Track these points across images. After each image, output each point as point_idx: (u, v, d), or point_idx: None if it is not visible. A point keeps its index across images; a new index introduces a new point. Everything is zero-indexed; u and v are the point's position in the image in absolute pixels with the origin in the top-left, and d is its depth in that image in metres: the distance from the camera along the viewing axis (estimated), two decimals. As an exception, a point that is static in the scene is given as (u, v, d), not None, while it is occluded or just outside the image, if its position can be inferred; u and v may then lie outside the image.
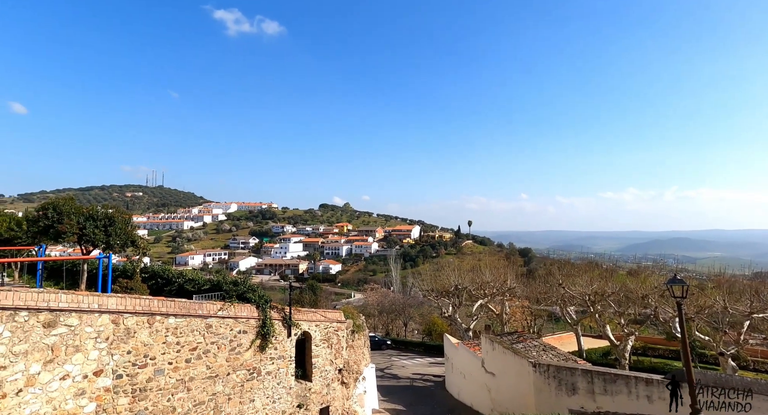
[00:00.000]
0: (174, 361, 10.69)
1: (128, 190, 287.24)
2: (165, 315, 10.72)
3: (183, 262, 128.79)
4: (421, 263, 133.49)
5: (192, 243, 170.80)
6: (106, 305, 9.67)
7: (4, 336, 8.07)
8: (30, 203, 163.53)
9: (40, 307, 8.60)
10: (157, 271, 21.75)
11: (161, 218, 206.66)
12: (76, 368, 8.93)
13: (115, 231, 22.90)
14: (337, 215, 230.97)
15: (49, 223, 22.10)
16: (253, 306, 13.55)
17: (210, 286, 18.65)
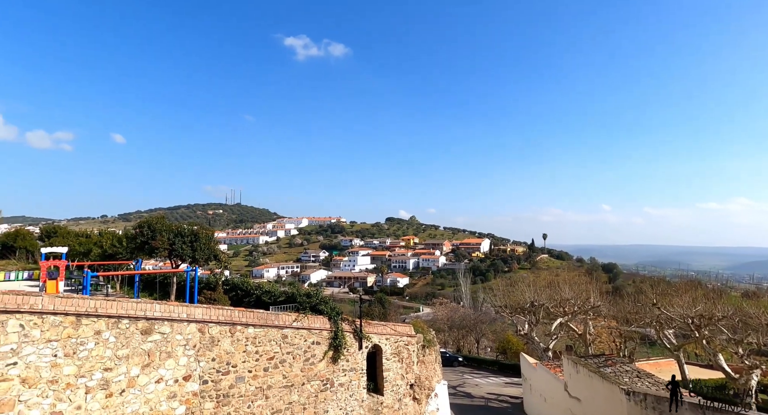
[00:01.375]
0: (253, 369, 11.24)
1: (210, 208, 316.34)
2: (245, 325, 11.31)
3: (259, 274, 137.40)
4: (492, 277, 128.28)
5: (267, 257, 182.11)
6: (193, 314, 10.45)
7: (110, 341, 9.04)
8: (128, 222, 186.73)
9: (138, 316, 9.53)
10: (236, 283, 23.39)
11: (239, 233, 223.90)
12: (169, 372, 9.73)
13: (199, 246, 25.15)
14: (403, 228, 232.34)
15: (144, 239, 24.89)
16: (325, 318, 13.83)
17: (285, 298, 19.54)
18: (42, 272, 15.93)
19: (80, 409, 8.44)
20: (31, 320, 8.22)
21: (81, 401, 8.47)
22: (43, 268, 16.10)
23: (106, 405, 8.73)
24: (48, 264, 16.47)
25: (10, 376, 7.79)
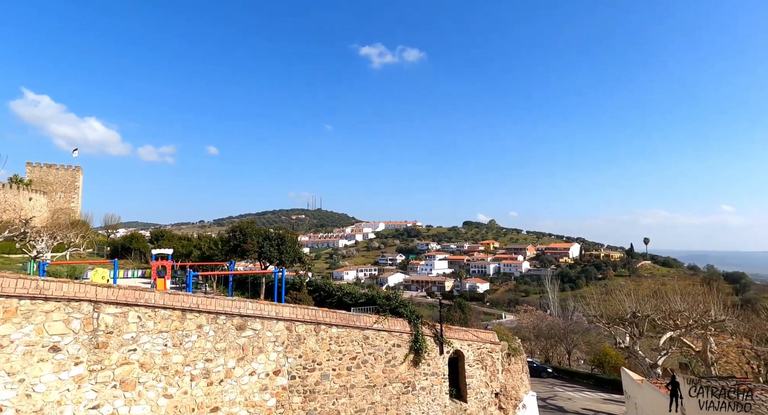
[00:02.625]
0: (337, 368, 11.64)
1: (293, 213, 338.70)
2: (328, 325, 11.70)
3: (339, 277, 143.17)
4: (584, 284, 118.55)
5: (346, 260, 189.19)
6: (281, 313, 11.07)
7: (210, 335, 9.93)
8: (222, 227, 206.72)
9: (233, 312, 10.35)
10: (319, 284, 24.51)
11: (320, 237, 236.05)
12: (261, 366, 10.43)
13: (285, 249, 26.93)
14: (481, 232, 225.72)
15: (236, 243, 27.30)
16: (405, 321, 13.79)
17: (365, 300, 19.97)
18: (153, 271, 18.17)
19: (186, 394, 9.41)
20: (146, 313, 9.35)
21: (187, 387, 9.45)
22: (153, 267, 18.35)
23: (208, 392, 9.64)
24: (157, 264, 18.73)
25: (131, 360, 8.97)
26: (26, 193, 66.61)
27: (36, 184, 70.48)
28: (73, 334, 8.58)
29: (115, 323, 9.00)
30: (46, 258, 21.94)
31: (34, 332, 8.26)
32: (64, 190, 74.46)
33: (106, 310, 8.96)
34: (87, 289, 8.98)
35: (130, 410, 8.82)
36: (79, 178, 77.28)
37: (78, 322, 8.66)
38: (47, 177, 73.84)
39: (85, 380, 8.51)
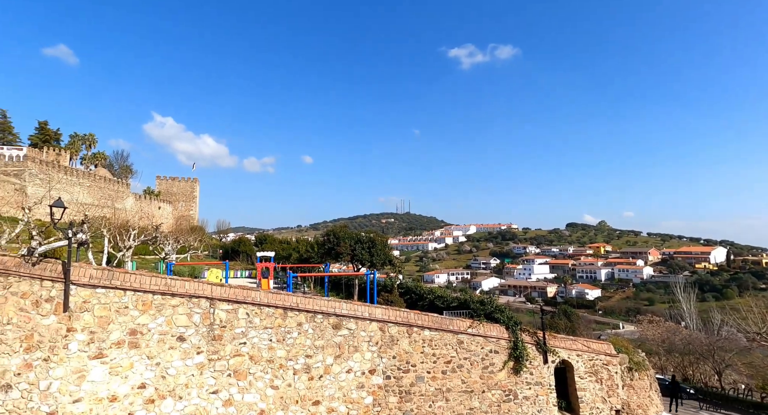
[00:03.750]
0: (431, 371, 11.71)
1: (383, 217, 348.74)
2: (421, 327, 11.81)
3: (430, 280, 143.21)
4: (735, 295, 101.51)
5: (436, 263, 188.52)
6: (374, 314, 11.46)
7: (309, 332, 10.70)
8: (317, 231, 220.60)
9: (329, 312, 11.01)
10: (410, 287, 24.82)
11: (409, 240, 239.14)
12: (356, 364, 10.94)
13: (376, 252, 27.87)
14: (589, 234, 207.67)
15: (331, 246, 28.98)
16: (502, 327, 13.29)
17: (457, 303, 19.70)
18: (258, 272, 20.13)
19: (290, 386, 10.30)
20: (253, 310, 10.43)
21: (291, 380, 10.34)
22: (258, 268, 20.32)
23: (309, 386, 10.43)
24: (261, 265, 20.69)
25: (242, 352, 10.09)
26: (156, 203, 79.47)
27: (163, 195, 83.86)
28: (194, 326, 9.93)
29: (228, 318, 10.19)
30: (172, 259, 25.78)
31: (165, 323, 9.76)
32: (185, 200, 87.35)
33: (221, 306, 10.21)
34: (204, 287, 10.33)
35: (243, 397, 9.94)
36: (196, 188, 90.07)
37: (198, 316, 10.01)
38: (172, 188, 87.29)
39: (205, 368, 9.82)
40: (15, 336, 8.97)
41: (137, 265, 24.12)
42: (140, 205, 73.71)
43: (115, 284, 9.55)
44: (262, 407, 10.05)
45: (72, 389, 8.96)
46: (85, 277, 9.45)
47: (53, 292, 9.22)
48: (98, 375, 9.15)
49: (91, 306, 9.36)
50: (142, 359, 9.46)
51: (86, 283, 9.38)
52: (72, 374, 9.00)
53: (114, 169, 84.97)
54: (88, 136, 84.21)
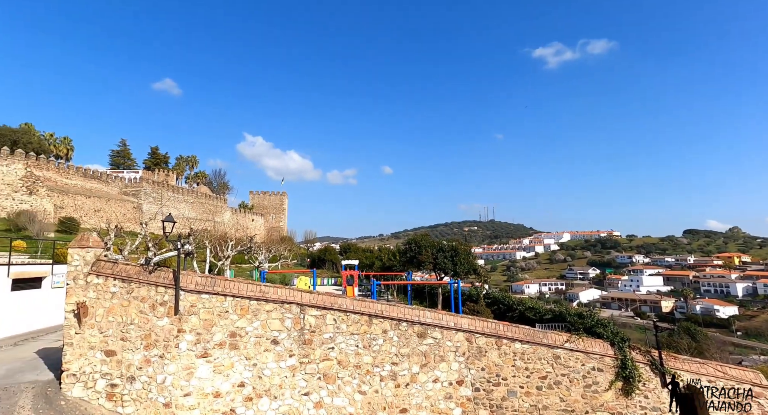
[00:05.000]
0: (525, 386, 11.06)
1: (465, 225, 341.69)
2: (511, 340, 11.27)
3: (519, 290, 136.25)
4: None
5: (526, 272, 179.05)
6: (460, 324, 11.22)
7: (394, 340, 10.80)
8: (398, 239, 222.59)
9: (414, 320, 11.01)
10: (497, 297, 23.91)
11: (494, 248, 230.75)
12: (443, 374, 10.78)
13: (459, 261, 27.38)
14: (716, 242, 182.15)
15: (412, 254, 29.10)
16: (606, 343, 12.13)
17: (551, 316, 18.51)
18: (343, 279, 20.91)
19: (377, 393, 10.49)
20: (340, 316, 10.83)
21: (378, 386, 10.52)
22: (343, 276, 21.11)
23: (396, 394, 10.52)
24: (346, 273, 21.46)
25: (331, 357, 10.53)
26: (250, 216, 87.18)
27: (256, 208, 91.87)
28: (286, 331, 10.61)
29: (317, 323, 10.72)
30: (265, 267, 27.95)
31: (260, 327, 10.57)
32: (275, 212, 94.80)
33: (310, 312, 10.78)
34: (295, 294, 11.01)
35: (333, 401, 10.37)
36: (285, 201, 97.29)
37: (290, 321, 10.67)
38: (263, 202, 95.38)
39: (297, 370, 10.43)
40: (137, 335, 10.40)
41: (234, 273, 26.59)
42: (236, 218, 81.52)
43: (217, 291, 10.61)
44: (351, 411, 10.36)
45: (183, 384, 10.10)
46: (192, 284, 10.65)
47: (166, 296, 10.53)
48: (204, 372, 10.21)
49: (197, 310, 10.50)
50: (241, 359, 10.35)
51: (193, 289, 10.57)
52: (182, 370, 10.17)
53: (213, 186, 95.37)
54: (191, 158, 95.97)
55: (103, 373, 10.20)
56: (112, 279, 10.70)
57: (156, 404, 10.00)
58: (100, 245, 11.25)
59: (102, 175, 59.89)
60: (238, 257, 36.09)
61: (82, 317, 10.44)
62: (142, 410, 9.99)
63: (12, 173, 43.79)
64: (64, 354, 10.37)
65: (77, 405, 9.71)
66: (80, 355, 10.34)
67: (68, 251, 11.05)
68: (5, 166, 43.56)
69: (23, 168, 44.52)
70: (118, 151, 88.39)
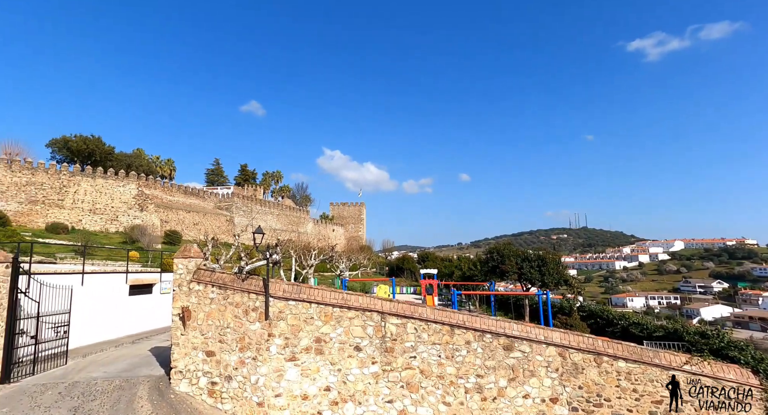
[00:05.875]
0: (634, 409, 10.08)
1: (553, 233, 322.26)
2: (613, 357, 10.38)
3: (620, 303, 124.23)
4: None
5: (628, 284, 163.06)
6: (551, 338, 10.60)
7: (478, 351, 10.53)
8: (478, 248, 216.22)
9: (499, 332, 10.63)
10: (594, 310, 22.11)
11: (588, 257, 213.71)
12: (534, 390, 10.23)
13: (548, 270, 25.89)
14: None
15: (494, 264, 28.15)
16: (744, 369, 10.61)
17: (663, 333, 16.70)
18: (422, 288, 20.89)
19: (462, 405, 10.28)
20: (420, 325, 10.85)
21: (462, 398, 10.31)
22: (422, 285, 21.08)
23: (483, 407, 10.21)
24: (425, 282, 21.41)
25: (413, 366, 10.57)
26: (330, 226, 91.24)
27: (336, 219, 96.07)
28: (368, 338, 10.88)
29: (397, 332, 10.86)
30: (346, 275, 28.97)
31: (343, 333, 10.98)
32: (354, 222, 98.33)
33: (390, 320, 10.95)
34: (376, 302, 11.28)
35: (417, 410, 10.40)
36: (363, 212, 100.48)
37: (371, 328, 10.94)
38: (342, 213, 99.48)
39: (380, 377, 10.62)
40: (232, 337, 11.41)
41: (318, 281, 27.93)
42: (318, 229, 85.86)
43: (303, 298, 11.26)
44: (436, 424, 10.28)
45: (274, 385, 10.84)
46: (280, 291, 11.44)
47: (257, 303, 11.43)
48: (293, 375, 10.85)
49: (285, 316, 11.24)
50: (326, 364, 10.83)
51: (281, 296, 11.35)
52: (273, 372, 10.91)
53: (296, 199, 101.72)
54: (276, 174, 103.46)
55: (204, 371, 11.36)
56: (211, 286, 11.92)
57: (251, 403, 10.85)
58: (200, 255, 12.61)
59: (199, 191, 67.01)
60: (321, 266, 37.85)
61: (186, 320, 11.75)
62: (238, 408, 10.90)
63: (127, 193, 50.84)
64: (172, 353, 11.73)
65: (184, 399, 10.95)
66: (185, 354, 11.63)
67: (173, 260, 12.55)
68: (122, 187, 50.72)
69: (136, 188, 51.51)
70: (213, 169, 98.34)
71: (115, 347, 16.26)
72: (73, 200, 47.33)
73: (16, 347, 11.98)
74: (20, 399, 10.14)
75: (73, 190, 47.54)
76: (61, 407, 9.79)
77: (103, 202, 49.23)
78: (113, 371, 12.60)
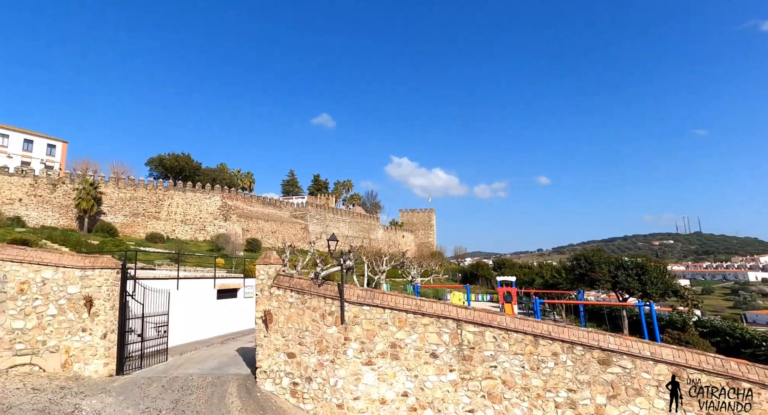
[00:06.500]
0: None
1: (654, 238, 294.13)
2: (756, 384, 8.91)
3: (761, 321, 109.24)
4: None
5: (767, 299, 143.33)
6: (659, 354, 9.54)
7: (567, 364, 9.83)
8: (562, 255, 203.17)
9: (591, 344, 9.78)
10: (720, 327, 19.58)
11: (705, 267, 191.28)
12: (643, 411, 9.23)
13: (650, 279, 23.56)
14: None
15: (582, 271, 26.27)
16: None
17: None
18: (499, 296, 20.13)
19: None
20: (500, 334, 10.43)
21: (552, 412, 9.66)
22: (500, 292, 20.32)
23: (578, 424, 9.45)
24: (503, 290, 20.62)
25: (494, 375, 10.17)
26: (400, 232, 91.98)
27: (405, 225, 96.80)
28: (444, 345, 10.71)
29: (475, 340, 10.55)
30: (417, 282, 28.88)
31: (418, 340, 10.92)
32: (424, 228, 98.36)
33: (467, 328, 10.68)
34: (450, 309, 11.09)
35: (501, 422, 9.93)
36: (433, 218, 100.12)
37: (447, 335, 10.76)
38: (412, 219, 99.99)
39: (459, 386, 10.37)
40: (311, 340, 11.88)
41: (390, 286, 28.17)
42: (388, 235, 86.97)
43: (376, 303, 11.42)
44: (523, 438, 9.77)
45: (352, 388, 11.07)
46: (354, 296, 11.71)
47: (333, 307, 11.80)
48: (370, 379, 11.00)
49: (359, 320, 11.47)
50: (402, 369, 10.84)
51: (355, 301, 11.61)
52: (350, 375, 11.15)
53: (366, 206, 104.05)
54: (347, 182, 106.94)
55: (286, 372, 11.96)
56: (290, 291, 12.55)
57: (331, 405, 11.19)
58: (279, 261, 13.37)
59: (276, 201, 71.21)
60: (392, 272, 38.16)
61: (268, 323, 12.48)
62: (319, 409, 11.31)
63: (213, 204, 55.58)
64: (257, 354, 12.49)
65: (269, 398, 11.64)
66: (268, 355, 12.32)
67: (255, 266, 13.45)
68: (208, 199, 55.57)
69: (220, 200, 56.15)
70: (288, 180, 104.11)
71: (206, 346, 17.74)
72: (167, 212, 52.80)
73: (127, 344, 13.55)
74: (132, 389, 11.54)
75: (167, 203, 53.04)
76: (164, 399, 10.99)
77: (192, 214, 54.30)
78: (206, 369, 13.81)
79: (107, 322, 12.71)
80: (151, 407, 10.40)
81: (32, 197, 44.86)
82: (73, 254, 13.68)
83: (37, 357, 11.97)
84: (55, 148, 59.00)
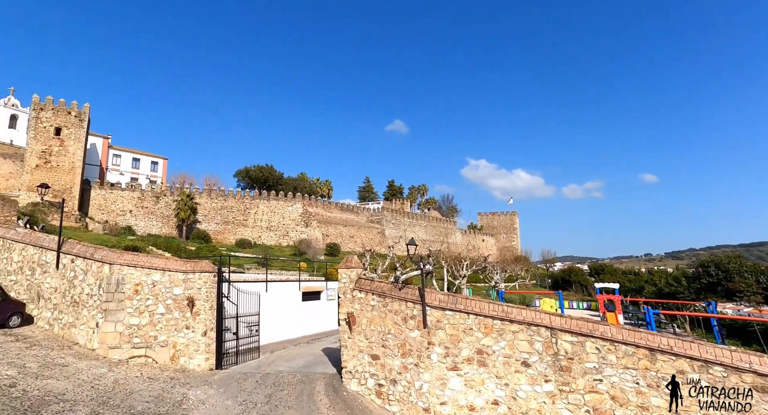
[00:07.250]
0: None
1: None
2: None
3: None
4: None
5: None
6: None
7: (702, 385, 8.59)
8: (678, 260, 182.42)
9: (740, 367, 8.35)
10: None
11: None
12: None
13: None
14: None
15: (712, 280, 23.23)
16: None
17: None
18: (600, 304, 18.64)
19: (683, 447, 8.50)
20: (604, 346, 9.56)
21: (680, 436, 8.54)
22: (600, 300, 18.81)
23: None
24: (603, 297, 19.07)
25: (599, 389, 9.36)
26: (480, 236, 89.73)
27: (485, 229, 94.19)
28: (537, 354, 10.13)
29: (574, 350, 9.82)
30: (501, 287, 27.85)
31: (507, 347, 10.46)
32: (506, 232, 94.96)
33: (563, 337, 9.99)
34: (542, 316, 10.48)
35: (612, 441, 9.09)
36: (515, 221, 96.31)
37: (539, 344, 10.17)
38: (492, 222, 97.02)
39: (557, 398, 9.72)
40: (394, 343, 11.95)
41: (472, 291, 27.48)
42: (467, 239, 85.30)
43: (459, 308, 11.18)
44: (641, 462, 8.83)
45: (438, 393, 10.93)
46: (435, 301, 11.59)
47: (414, 311, 11.77)
48: (456, 385, 10.78)
49: (442, 325, 11.31)
50: (491, 377, 10.46)
51: (436, 305, 11.48)
52: (435, 379, 11.03)
53: (442, 210, 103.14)
54: (421, 187, 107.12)
55: (371, 373, 12.16)
56: (371, 294, 12.77)
57: (416, 408, 11.16)
58: (359, 265, 13.69)
59: (353, 207, 73.36)
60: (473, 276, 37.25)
61: (351, 325, 12.80)
62: (405, 411, 11.34)
63: (294, 211, 58.76)
64: (342, 354, 12.87)
65: (355, 397, 11.96)
66: (353, 356, 12.62)
67: (337, 270, 13.91)
68: (290, 207, 58.88)
69: (301, 207, 59.23)
70: (364, 186, 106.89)
71: (293, 345, 18.73)
72: (253, 220, 56.82)
73: (224, 341, 14.73)
74: (230, 383, 12.54)
75: (253, 211, 57.11)
76: (259, 393, 11.81)
77: (276, 221, 57.86)
78: (295, 367, 14.62)
79: (207, 320, 13.91)
80: (247, 400, 11.20)
81: (140, 209, 50.89)
82: (176, 259, 15.23)
83: (151, 350, 13.42)
84: (157, 164, 66.27)
